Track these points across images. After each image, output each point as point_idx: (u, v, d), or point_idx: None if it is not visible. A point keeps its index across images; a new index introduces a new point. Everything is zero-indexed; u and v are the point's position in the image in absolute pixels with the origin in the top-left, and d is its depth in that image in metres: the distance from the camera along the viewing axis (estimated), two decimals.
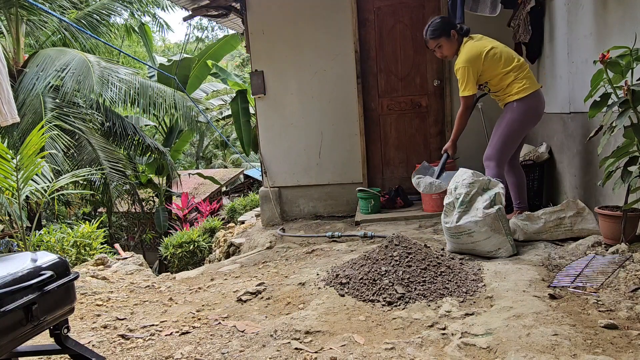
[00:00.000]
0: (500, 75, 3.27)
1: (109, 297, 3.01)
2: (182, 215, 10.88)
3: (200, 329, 2.33)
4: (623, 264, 2.29)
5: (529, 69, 3.33)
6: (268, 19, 5.10)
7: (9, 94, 3.93)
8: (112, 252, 5.72)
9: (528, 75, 3.28)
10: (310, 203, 5.30)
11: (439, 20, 3.39)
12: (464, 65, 3.25)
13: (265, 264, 3.60)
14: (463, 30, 3.38)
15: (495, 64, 3.25)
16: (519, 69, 3.27)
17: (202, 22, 23.72)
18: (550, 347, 1.71)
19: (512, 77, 3.25)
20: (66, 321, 1.66)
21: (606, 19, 2.84)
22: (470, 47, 3.28)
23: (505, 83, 3.28)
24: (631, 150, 2.34)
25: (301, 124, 5.21)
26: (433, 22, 3.39)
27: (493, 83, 3.34)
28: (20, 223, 4.57)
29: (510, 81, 3.26)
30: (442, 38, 3.35)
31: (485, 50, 3.25)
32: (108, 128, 9.82)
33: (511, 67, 3.26)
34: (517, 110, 3.27)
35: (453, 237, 3.03)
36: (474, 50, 3.26)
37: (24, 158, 4.15)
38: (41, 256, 1.64)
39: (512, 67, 3.26)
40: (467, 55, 3.26)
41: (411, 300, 2.32)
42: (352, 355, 1.85)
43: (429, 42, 3.43)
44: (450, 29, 3.34)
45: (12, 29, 8.95)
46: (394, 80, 5.11)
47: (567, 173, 3.61)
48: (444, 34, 3.34)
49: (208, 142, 20.79)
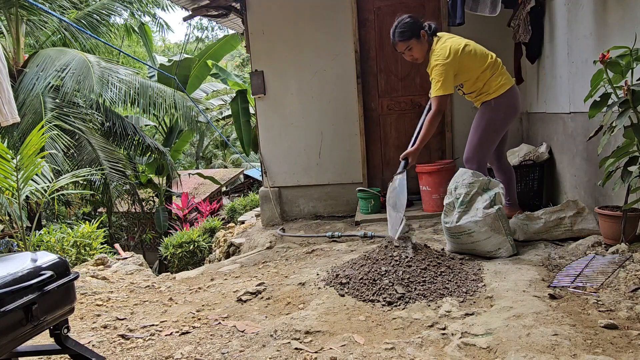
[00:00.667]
0: (476, 75, 3.15)
1: (109, 297, 3.01)
2: (182, 215, 10.89)
3: (200, 329, 2.33)
4: (623, 264, 2.29)
5: (502, 64, 3.23)
6: (268, 19, 5.10)
7: (9, 94, 3.93)
8: (112, 252, 5.72)
9: (503, 71, 3.19)
10: (310, 203, 5.30)
11: (407, 19, 3.16)
12: (441, 62, 3.05)
13: (265, 264, 3.60)
14: (432, 30, 3.20)
15: (471, 62, 3.11)
16: (493, 65, 3.16)
17: (202, 22, 23.74)
18: (550, 347, 1.71)
19: (489, 75, 3.15)
20: (66, 321, 1.66)
21: (606, 19, 2.84)
22: (446, 45, 3.10)
23: (482, 83, 3.17)
24: (631, 150, 2.34)
25: (301, 124, 5.21)
26: (401, 22, 3.16)
27: (469, 84, 3.23)
28: (20, 223, 4.57)
29: (487, 80, 3.15)
30: (412, 40, 3.15)
31: (460, 48, 3.08)
32: (108, 128, 9.82)
33: (487, 65, 3.14)
34: (496, 108, 3.17)
35: (453, 237, 3.03)
36: (450, 47, 3.08)
37: (24, 158, 4.15)
38: (41, 256, 1.64)
39: (487, 64, 3.15)
40: (443, 53, 3.06)
41: (411, 300, 2.32)
42: (352, 355, 1.85)
43: (397, 44, 3.20)
44: (419, 29, 3.15)
45: (12, 29, 8.96)
46: (394, 80, 5.11)
47: (567, 173, 3.61)
48: (414, 35, 3.14)
49: (208, 142, 20.80)
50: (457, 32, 3.59)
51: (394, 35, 3.21)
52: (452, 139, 5.02)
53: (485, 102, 3.23)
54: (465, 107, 4.75)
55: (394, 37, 3.21)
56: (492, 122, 3.21)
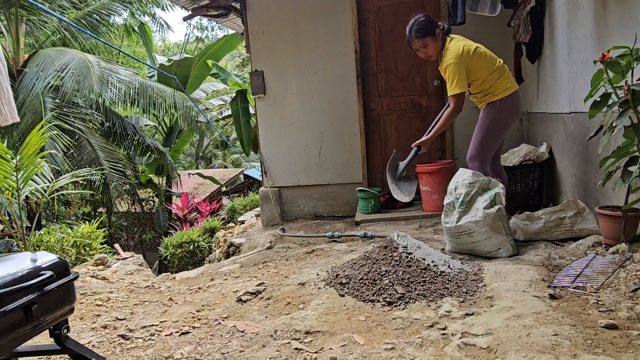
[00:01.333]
0: (485, 77, 3.27)
1: (109, 297, 3.00)
2: (182, 215, 10.89)
3: (200, 329, 2.33)
4: (623, 264, 2.29)
5: (508, 69, 3.37)
6: (268, 19, 5.10)
7: (9, 93, 3.92)
8: (112, 252, 5.72)
9: (508, 75, 3.34)
10: (310, 203, 5.29)
11: (423, 18, 3.30)
12: (455, 61, 3.19)
13: (265, 264, 3.60)
14: (445, 30, 3.34)
15: (481, 63, 3.25)
16: (501, 69, 3.31)
17: (202, 22, 23.74)
18: (550, 347, 1.71)
19: (496, 77, 3.28)
20: (66, 321, 1.66)
21: (606, 19, 2.84)
22: (458, 45, 3.24)
23: (489, 84, 3.29)
24: (631, 150, 2.33)
25: (301, 124, 5.20)
26: (417, 20, 3.30)
27: (477, 84, 3.32)
28: (20, 223, 4.57)
29: (494, 82, 3.28)
30: (427, 37, 3.28)
31: (472, 49, 3.24)
32: (108, 128, 9.82)
33: (495, 67, 3.29)
34: (501, 109, 3.29)
35: (453, 237, 3.02)
36: (463, 47, 3.22)
37: (24, 158, 4.15)
38: (41, 256, 1.64)
39: (496, 67, 3.29)
40: (456, 52, 3.21)
41: (411, 300, 2.32)
42: (352, 356, 1.85)
43: (413, 41, 3.33)
44: (435, 27, 3.28)
45: (12, 29, 8.95)
46: (394, 80, 5.11)
47: (567, 173, 3.61)
48: (430, 33, 3.27)
49: (208, 142, 20.80)
50: (457, 31, 3.59)
51: (410, 32, 3.33)
52: (452, 139, 5.03)
53: (490, 102, 3.32)
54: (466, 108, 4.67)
55: (410, 35, 3.33)
56: (496, 122, 3.31)
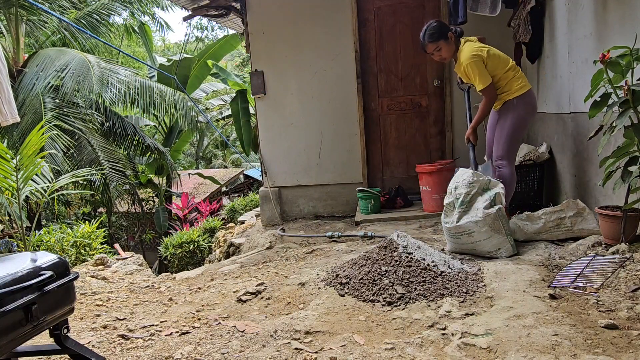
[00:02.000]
0: (500, 75, 3.34)
1: (109, 297, 3.00)
2: (182, 215, 10.89)
3: (200, 329, 2.33)
4: (623, 264, 2.29)
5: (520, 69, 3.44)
6: (268, 19, 5.10)
7: (9, 93, 3.92)
8: (112, 252, 5.72)
9: (522, 75, 3.41)
10: (310, 203, 5.29)
11: (435, 23, 3.41)
12: (472, 59, 3.28)
13: (265, 264, 3.60)
14: (457, 33, 3.45)
15: (496, 62, 3.33)
16: (514, 68, 3.39)
17: (202, 22, 23.72)
18: (550, 347, 1.71)
19: (511, 76, 3.35)
20: (66, 321, 1.66)
21: (606, 19, 2.84)
22: (473, 46, 3.36)
23: (504, 82, 3.36)
24: (631, 150, 2.33)
25: (301, 124, 5.20)
26: (430, 25, 3.41)
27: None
28: (20, 223, 4.57)
29: (509, 80, 3.34)
30: (440, 41, 3.38)
31: (486, 49, 3.34)
32: (108, 128, 9.81)
33: (509, 66, 3.36)
34: (518, 106, 3.35)
35: (453, 237, 3.02)
36: (478, 47, 3.35)
37: (23, 158, 4.14)
38: (41, 256, 1.63)
39: (509, 66, 3.37)
40: (471, 50, 3.31)
41: (411, 300, 2.32)
42: (352, 356, 1.85)
43: (427, 45, 3.44)
44: (447, 31, 3.39)
45: (12, 29, 8.95)
46: (394, 80, 5.11)
47: (567, 173, 3.61)
48: (443, 37, 3.37)
49: (208, 142, 20.80)
50: None
51: (423, 37, 3.43)
52: (452, 139, 5.03)
53: (507, 101, 3.39)
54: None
55: (423, 40, 3.44)
56: (517, 120, 3.37)
